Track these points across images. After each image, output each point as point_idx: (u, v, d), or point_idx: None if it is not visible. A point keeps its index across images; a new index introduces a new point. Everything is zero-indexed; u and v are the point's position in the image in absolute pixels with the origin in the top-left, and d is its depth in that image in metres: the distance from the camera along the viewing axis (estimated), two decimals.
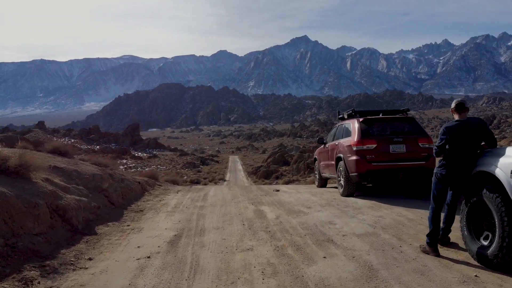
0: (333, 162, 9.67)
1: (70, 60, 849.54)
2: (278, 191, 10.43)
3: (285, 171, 53.61)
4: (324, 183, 11.72)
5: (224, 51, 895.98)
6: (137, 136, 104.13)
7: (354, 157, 8.33)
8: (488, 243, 4.12)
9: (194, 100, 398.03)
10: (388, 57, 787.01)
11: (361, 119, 8.66)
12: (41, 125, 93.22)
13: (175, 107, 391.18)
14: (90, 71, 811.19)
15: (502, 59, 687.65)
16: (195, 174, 55.10)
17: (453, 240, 4.99)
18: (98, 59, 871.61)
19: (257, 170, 55.73)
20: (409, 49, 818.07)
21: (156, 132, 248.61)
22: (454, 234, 5.01)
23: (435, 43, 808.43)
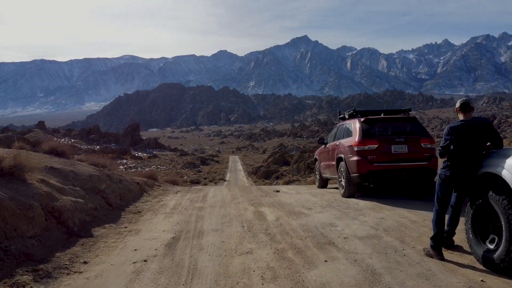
0: (334, 163, 9.55)
1: (70, 60, 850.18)
2: (278, 192, 10.32)
3: (285, 171, 53.50)
4: (325, 184, 11.61)
5: (224, 51, 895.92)
6: (137, 136, 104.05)
7: (355, 158, 8.21)
8: (494, 247, 4.00)
9: (194, 100, 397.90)
10: (388, 57, 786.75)
11: (363, 119, 8.54)
12: (41, 125, 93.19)
13: (175, 107, 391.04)
14: (90, 71, 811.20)
15: (503, 59, 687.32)
16: (195, 174, 54.99)
17: (457, 243, 4.87)
18: (98, 59, 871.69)
19: (257, 170, 55.62)
20: (409, 49, 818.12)
21: (156, 132, 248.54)
22: (458, 237, 4.90)
23: (435, 43, 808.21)
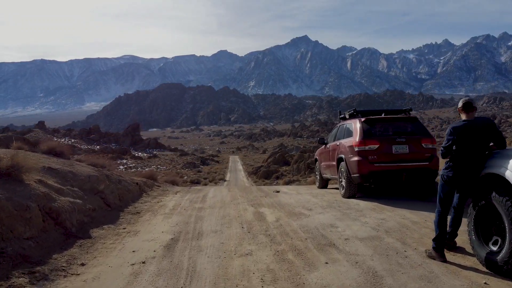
0: (334, 163, 9.49)
1: (71, 60, 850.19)
2: (278, 192, 10.26)
3: (286, 171, 53.47)
4: (325, 184, 11.54)
5: (225, 51, 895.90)
6: (138, 136, 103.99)
7: (356, 158, 8.15)
8: (498, 249, 3.94)
9: (195, 100, 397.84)
10: (389, 57, 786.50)
11: (363, 119, 8.47)
12: (41, 125, 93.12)
13: (176, 107, 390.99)
14: (91, 71, 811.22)
15: (503, 59, 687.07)
16: (195, 174, 54.96)
17: (460, 244, 4.82)
18: (99, 59, 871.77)
19: (258, 170, 55.59)
20: (410, 49, 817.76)
21: (157, 132, 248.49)
22: (460, 238, 4.84)
23: (436, 43, 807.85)
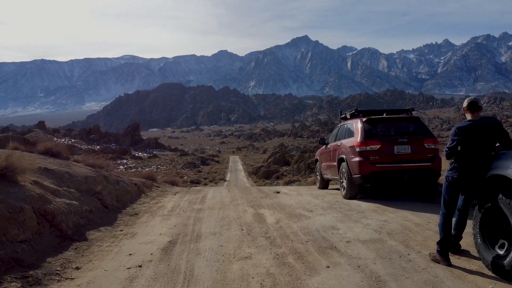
0: (335, 163, 9.36)
1: (71, 60, 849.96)
2: (279, 193, 10.15)
3: (286, 171, 53.37)
4: (326, 185, 11.42)
5: (225, 51, 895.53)
6: (138, 136, 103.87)
7: (357, 158, 8.03)
8: (504, 252, 3.82)
9: (195, 100, 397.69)
10: (389, 57, 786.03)
11: (365, 119, 8.35)
12: (42, 125, 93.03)
13: (176, 107, 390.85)
14: (91, 71, 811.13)
15: (503, 59, 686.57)
16: (196, 174, 54.86)
17: (464, 247, 4.70)
18: (99, 59, 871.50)
19: (258, 170, 55.48)
20: (410, 49, 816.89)
21: (157, 132, 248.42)
22: (464, 241, 4.72)
23: (436, 43, 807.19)
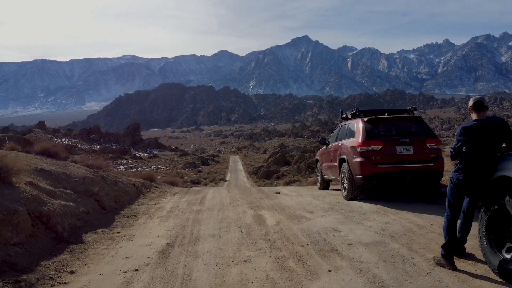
0: (336, 164, 9.25)
1: (71, 60, 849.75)
2: (279, 194, 10.04)
3: (286, 171, 53.25)
4: (327, 185, 11.31)
5: (225, 51, 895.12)
6: (138, 136, 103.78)
7: (359, 159, 7.92)
8: None
9: (195, 100, 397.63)
10: (389, 57, 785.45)
11: (366, 119, 8.24)
12: (42, 125, 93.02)
13: (176, 107, 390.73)
14: (91, 71, 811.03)
15: (503, 59, 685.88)
16: (196, 174, 54.75)
17: (469, 250, 4.58)
18: (99, 59, 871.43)
19: (258, 170, 55.37)
20: (410, 49, 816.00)
21: (157, 132, 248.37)
22: (469, 243, 4.59)
23: (436, 43, 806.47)
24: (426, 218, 6.28)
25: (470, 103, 4.22)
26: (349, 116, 9.53)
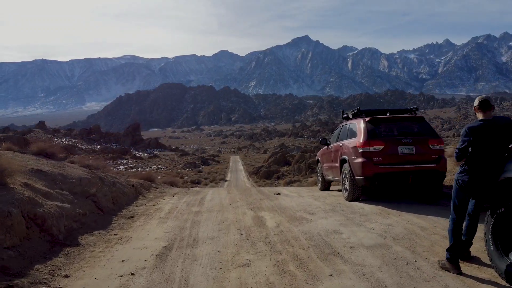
0: (337, 164, 9.13)
1: (71, 60, 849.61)
2: (279, 195, 9.93)
3: (286, 171, 53.12)
4: (327, 186, 11.19)
5: (225, 51, 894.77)
6: (138, 136, 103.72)
7: (360, 159, 7.80)
8: None
9: (195, 100, 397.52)
10: (389, 57, 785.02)
11: (367, 119, 8.12)
12: (42, 125, 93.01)
13: (176, 107, 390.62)
14: (91, 71, 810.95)
15: (504, 59, 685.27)
16: (196, 174, 54.64)
17: (474, 253, 4.46)
18: (99, 59, 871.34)
19: (258, 170, 55.24)
20: (410, 49, 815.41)
21: (157, 132, 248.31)
22: (474, 246, 4.48)
23: (436, 43, 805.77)
24: (429, 220, 6.16)
25: (476, 103, 4.10)
26: (350, 116, 9.42)
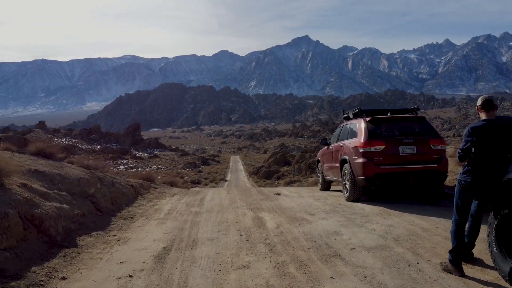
0: (338, 165, 9.07)
1: (71, 60, 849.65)
2: (279, 195, 9.87)
3: (287, 171, 53.08)
4: (328, 186, 11.13)
5: (226, 51, 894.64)
6: (138, 136, 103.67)
7: (361, 160, 7.74)
8: None
9: (196, 100, 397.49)
10: (390, 57, 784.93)
11: (368, 119, 8.06)
12: (42, 125, 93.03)
13: (177, 107, 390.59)
14: (92, 71, 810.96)
15: (504, 59, 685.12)
16: (196, 174, 54.59)
17: (477, 255, 4.40)
18: (99, 59, 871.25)
19: (259, 170, 55.20)
20: (411, 49, 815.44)
21: (157, 132, 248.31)
22: (476, 248, 4.42)
23: (437, 43, 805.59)
24: (431, 221, 6.11)
25: (479, 102, 4.04)
26: (351, 116, 9.36)
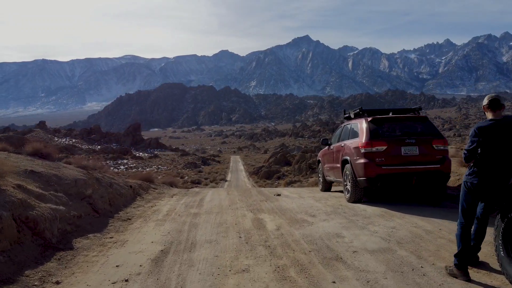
0: (339, 165, 8.96)
1: (72, 60, 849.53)
2: (279, 196, 9.76)
3: (287, 172, 52.95)
4: (329, 187, 11.01)
5: (226, 51, 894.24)
6: (139, 136, 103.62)
7: (362, 160, 7.63)
8: None
9: (196, 100, 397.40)
10: (390, 57, 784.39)
11: (370, 119, 7.94)
12: (42, 125, 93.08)
13: (177, 107, 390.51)
14: (92, 71, 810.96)
15: (504, 59, 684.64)
16: (196, 174, 54.50)
17: (482, 258, 4.28)
18: (100, 59, 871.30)
19: (259, 170, 55.10)
20: (411, 49, 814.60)
21: (158, 132, 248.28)
22: (482, 251, 4.30)
23: (437, 43, 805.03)
24: (434, 223, 5.99)
25: (485, 102, 3.92)
26: (352, 116, 9.25)
